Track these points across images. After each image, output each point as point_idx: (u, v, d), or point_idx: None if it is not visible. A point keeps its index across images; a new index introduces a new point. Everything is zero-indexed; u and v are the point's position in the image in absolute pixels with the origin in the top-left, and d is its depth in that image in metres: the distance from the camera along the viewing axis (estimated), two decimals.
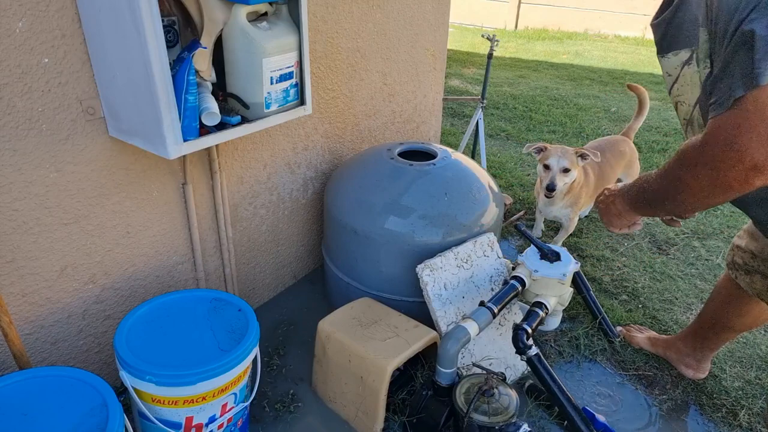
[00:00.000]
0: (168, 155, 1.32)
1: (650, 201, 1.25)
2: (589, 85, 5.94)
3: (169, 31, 1.40)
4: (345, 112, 2.39)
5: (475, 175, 2.09)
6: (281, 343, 2.09)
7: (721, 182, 1.01)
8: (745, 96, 0.94)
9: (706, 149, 1.01)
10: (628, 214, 1.37)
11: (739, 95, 0.94)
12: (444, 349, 1.56)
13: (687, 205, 1.15)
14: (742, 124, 0.94)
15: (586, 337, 2.15)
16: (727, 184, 1.00)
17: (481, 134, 3.23)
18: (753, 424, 1.81)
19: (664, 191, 1.18)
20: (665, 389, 1.95)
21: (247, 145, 1.94)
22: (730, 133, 0.96)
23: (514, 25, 9.41)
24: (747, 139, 0.94)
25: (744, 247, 1.61)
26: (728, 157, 0.97)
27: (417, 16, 2.67)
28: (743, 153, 0.94)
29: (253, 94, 1.50)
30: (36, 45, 1.27)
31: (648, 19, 8.31)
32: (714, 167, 1.00)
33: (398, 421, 1.73)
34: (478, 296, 1.90)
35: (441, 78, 3.14)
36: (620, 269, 2.63)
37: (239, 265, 2.10)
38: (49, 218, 1.43)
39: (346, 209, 1.99)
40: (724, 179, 1.00)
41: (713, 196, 1.06)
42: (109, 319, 1.69)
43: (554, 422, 1.79)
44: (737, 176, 0.97)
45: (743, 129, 0.94)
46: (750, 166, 0.95)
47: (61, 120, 1.37)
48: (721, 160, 0.98)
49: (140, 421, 1.45)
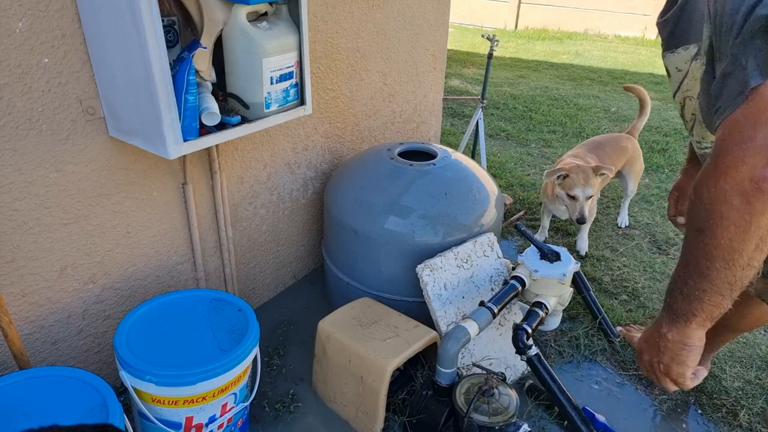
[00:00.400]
0: (168, 155, 1.32)
1: (698, 288, 0.92)
2: (589, 85, 5.94)
3: (169, 31, 1.40)
4: (345, 112, 2.39)
5: (475, 175, 2.09)
6: (281, 343, 2.09)
7: (752, 193, 0.81)
8: (763, 84, 0.81)
9: (724, 158, 0.84)
10: (686, 335, 0.98)
11: (756, 84, 0.82)
12: (444, 349, 1.56)
13: (738, 248, 0.86)
14: (761, 116, 0.81)
15: (586, 337, 2.15)
16: (759, 190, 0.80)
17: (481, 134, 3.23)
18: (753, 424, 1.81)
19: (705, 254, 0.88)
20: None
21: (247, 145, 1.94)
22: (748, 129, 0.82)
23: (514, 25, 9.41)
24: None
25: None
26: (750, 157, 0.81)
27: (417, 16, 2.67)
28: (766, 148, 0.79)
29: (253, 94, 1.50)
30: (36, 45, 1.27)
31: (648, 19, 8.36)
32: (736, 177, 0.82)
33: (398, 421, 1.73)
34: (478, 296, 1.90)
35: (441, 78, 3.14)
36: (620, 269, 2.63)
37: (239, 265, 2.10)
38: (49, 218, 1.43)
39: (346, 209, 1.99)
40: (754, 188, 0.80)
41: (756, 214, 0.82)
42: (109, 319, 1.69)
43: (554, 422, 1.79)
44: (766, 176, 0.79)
45: (763, 120, 0.80)
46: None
47: (61, 120, 1.37)
48: (743, 163, 0.81)
49: (140, 421, 1.45)
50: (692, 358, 0.99)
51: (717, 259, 0.88)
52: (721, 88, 0.91)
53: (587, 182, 2.37)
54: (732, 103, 0.86)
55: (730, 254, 0.86)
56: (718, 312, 0.94)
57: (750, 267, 0.87)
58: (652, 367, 1.05)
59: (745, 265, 0.87)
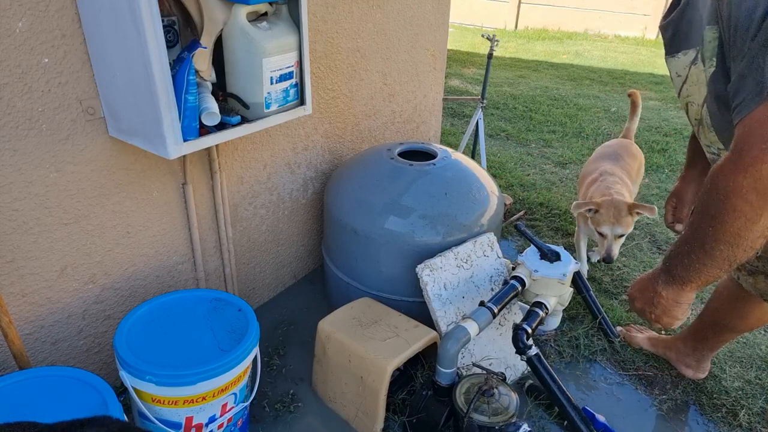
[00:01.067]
0: (168, 155, 1.32)
1: (699, 261, 1.00)
2: (589, 85, 5.94)
3: (169, 31, 1.40)
4: (345, 112, 2.39)
5: (475, 175, 2.09)
6: (281, 343, 2.09)
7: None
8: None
9: (743, 156, 0.88)
10: (680, 295, 1.10)
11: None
12: (444, 349, 1.56)
13: (744, 236, 0.93)
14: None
15: (586, 337, 2.15)
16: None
17: (481, 134, 3.23)
18: (753, 424, 1.81)
19: (713, 236, 0.96)
20: (665, 389, 1.95)
21: (247, 145, 1.94)
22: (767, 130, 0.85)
23: (514, 25, 9.41)
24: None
25: None
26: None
27: (417, 16, 2.67)
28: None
29: (253, 94, 1.50)
30: (36, 45, 1.27)
31: (648, 20, 8.37)
32: (755, 175, 0.86)
33: (398, 421, 1.73)
34: (478, 296, 1.90)
35: (441, 78, 3.14)
36: (620, 269, 2.63)
37: (239, 265, 2.10)
38: (49, 218, 1.43)
39: (346, 209, 1.99)
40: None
41: (767, 209, 0.88)
42: (109, 319, 1.69)
43: (554, 422, 1.79)
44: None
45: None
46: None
47: (61, 120, 1.37)
48: (762, 162, 0.86)
49: (140, 421, 1.45)
50: (682, 313, 1.12)
51: (723, 242, 0.95)
52: (738, 88, 0.94)
53: (618, 221, 2.16)
54: (751, 102, 0.90)
55: (736, 240, 0.94)
56: (713, 280, 1.05)
57: (751, 249, 0.96)
58: (643, 313, 1.18)
59: (748, 248, 0.95)
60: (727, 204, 0.91)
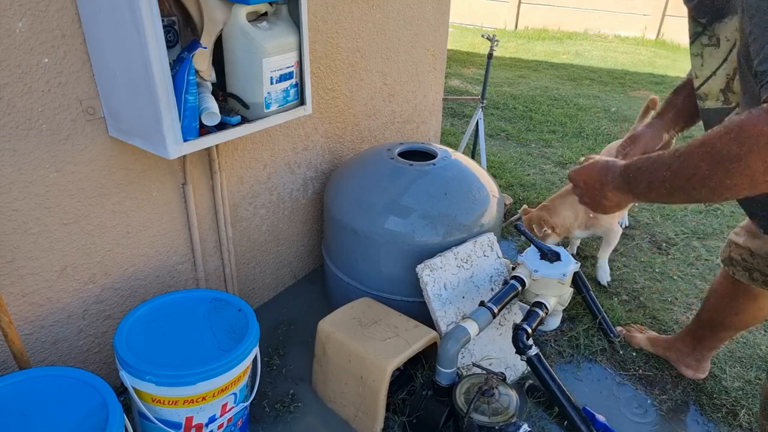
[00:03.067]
0: (168, 155, 1.32)
1: (669, 189, 0.97)
2: (589, 85, 5.94)
3: (169, 31, 1.40)
4: (345, 112, 2.39)
5: (475, 175, 2.09)
6: (281, 343, 2.09)
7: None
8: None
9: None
10: (625, 201, 1.11)
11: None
12: (444, 349, 1.56)
13: (732, 193, 0.90)
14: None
15: (586, 337, 2.15)
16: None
17: (481, 134, 3.23)
18: (753, 424, 1.81)
19: (705, 178, 0.90)
20: (665, 389, 1.96)
21: (247, 145, 1.94)
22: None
23: (514, 25, 9.41)
24: None
25: (742, 245, 1.61)
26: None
27: (417, 16, 2.67)
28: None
29: (253, 94, 1.50)
30: (36, 45, 1.27)
31: (648, 19, 8.36)
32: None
33: (398, 421, 1.73)
34: (478, 296, 1.90)
35: (441, 78, 3.14)
36: (620, 269, 2.63)
37: (239, 265, 2.10)
38: (49, 218, 1.43)
39: (346, 209, 1.99)
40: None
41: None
42: (109, 319, 1.69)
43: (554, 422, 1.79)
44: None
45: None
46: None
47: (61, 120, 1.37)
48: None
49: (140, 421, 1.45)
50: (618, 213, 1.12)
51: (709, 188, 0.91)
52: (761, 50, 0.89)
53: None
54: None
55: (723, 191, 0.90)
56: (657, 201, 1.05)
57: (718, 201, 0.99)
58: (581, 199, 1.19)
59: (721, 200, 0.98)
60: (745, 158, 0.84)
